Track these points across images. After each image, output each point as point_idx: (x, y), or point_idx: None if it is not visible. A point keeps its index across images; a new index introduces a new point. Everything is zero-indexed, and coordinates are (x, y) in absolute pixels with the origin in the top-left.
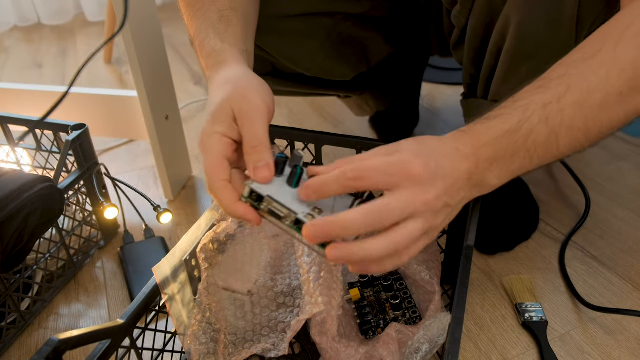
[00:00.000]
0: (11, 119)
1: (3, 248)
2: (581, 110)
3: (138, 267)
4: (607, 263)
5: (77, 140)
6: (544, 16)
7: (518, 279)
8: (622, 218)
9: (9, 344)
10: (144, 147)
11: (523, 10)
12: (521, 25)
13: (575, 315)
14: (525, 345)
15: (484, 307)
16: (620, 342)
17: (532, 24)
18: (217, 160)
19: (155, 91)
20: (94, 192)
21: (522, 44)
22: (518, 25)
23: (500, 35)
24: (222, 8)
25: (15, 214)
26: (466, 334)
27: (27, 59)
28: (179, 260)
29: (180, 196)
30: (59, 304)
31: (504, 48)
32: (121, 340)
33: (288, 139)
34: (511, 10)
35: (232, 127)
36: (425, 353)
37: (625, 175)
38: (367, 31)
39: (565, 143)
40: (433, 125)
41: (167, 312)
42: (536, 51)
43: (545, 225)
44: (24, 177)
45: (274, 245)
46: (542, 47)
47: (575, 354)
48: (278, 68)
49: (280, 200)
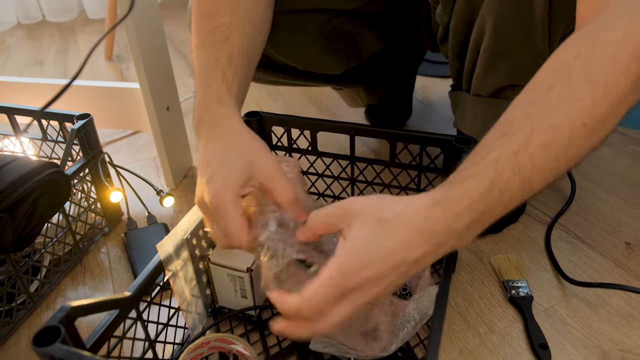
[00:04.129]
0: (17, 110)
1: (14, 228)
2: (549, 151)
3: (142, 251)
4: (590, 243)
5: (82, 129)
6: (517, 19)
7: (505, 258)
8: (606, 201)
9: (18, 323)
10: (145, 140)
11: (497, 12)
12: (496, 26)
13: (559, 291)
14: (511, 318)
15: (473, 284)
16: (601, 314)
17: (507, 25)
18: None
19: (157, 82)
20: (99, 180)
21: (498, 44)
22: (493, 26)
23: (479, 34)
24: (232, 51)
25: (26, 197)
26: (455, 309)
27: (29, 57)
28: (180, 238)
29: (181, 185)
30: (65, 286)
31: (481, 46)
32: (128, 311)
33: (285, 126)
34: (487, 12)
35: (245, 188)
36: (415, 323)
37: (610, 161)
38: (359, 27)
39: (537, 184)
40: (426, 117)
41: (170, 288)
42: (512, 50)
43: (533, 209)
44: (33, 162)
45: None
46: (517, 46)
47: (559, 326)
48: (272, 60)
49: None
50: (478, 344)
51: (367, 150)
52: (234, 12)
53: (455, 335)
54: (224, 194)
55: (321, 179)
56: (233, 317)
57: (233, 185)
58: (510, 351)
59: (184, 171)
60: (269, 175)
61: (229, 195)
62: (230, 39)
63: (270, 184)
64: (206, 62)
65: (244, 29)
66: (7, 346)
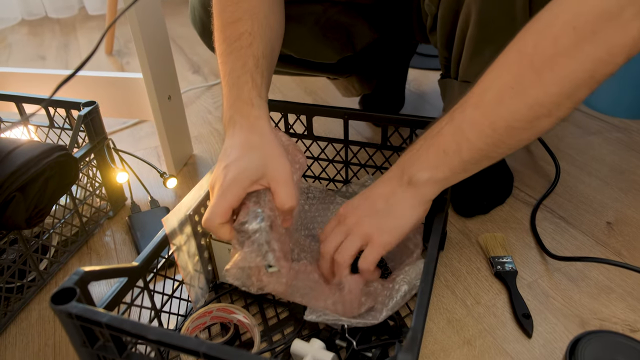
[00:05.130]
0: (25, 98)
1: (27, 206)
2: (478, 108)
3: (145, 232)
4: (573, 222)
5: (88, 115)
6: (499, 7)
7: (492, 236)
8: (589, 184)
9: (29, 299)
10: (146, 130)
11: (481, 1)
12: (480, 14)
13: (543, 266)
14: (496, 291)
15: (461, 261)
16: (581, 287)
17: (490, 14)
18: (227, 209)
19: (159, 72)
20: (104, 165)
21: (483, 31)
22: (478, 14)
23: (464, 22)
24: (258, 56)
25: (37, 177)
26: (444, 283)
27: (31, 52)
28: (184, 214)
29: (182, 172)
30: (73, 266)
31: (467, 35)
32: (136, 280)
33: (282, 111)
34: (472, 1)
35: (252, 187)
36: (404, 293)
37: (594, 147)
38: (353, 18)
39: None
40: (419, 107)
41: (175, 263)
42: (496, 37)
43: (519, 192)
44: (42, 145)
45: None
46: (500, 33)
47: (541, 298)
48: None
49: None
50: (465, 314)
51: (360, 137)
52: (255, 19)
53: (444, 307)
54: (232, 185)
55: (317, 162)
56: (233, 291)
57: (244, 179)
58: (495, 320)
59: (185, 159)
60: (279, 180)
61: (236, 186)
62: (254, 44)
63: (277, 188)
64: (234, 67)
65: (265, 34)
66: (19, 320)
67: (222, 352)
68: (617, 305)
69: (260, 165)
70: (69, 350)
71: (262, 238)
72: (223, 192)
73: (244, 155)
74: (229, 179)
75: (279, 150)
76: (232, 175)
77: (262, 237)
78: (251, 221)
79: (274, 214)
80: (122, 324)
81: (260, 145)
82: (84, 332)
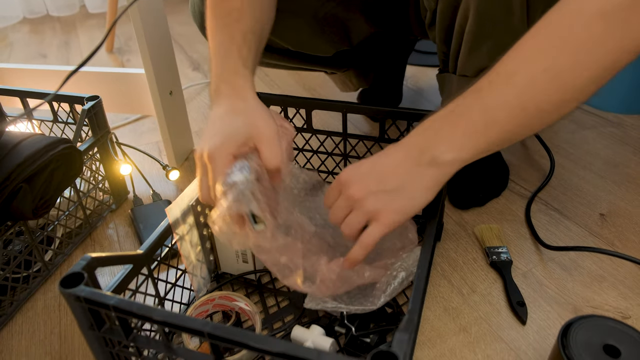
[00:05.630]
0: (30, 93)
1: (33, 197)
2: (509, 89)
3: (148, 225)
4: (567, 214)
5: (92, 109)
6: (498, 2)
7: (488, 227)
8: (583, 177)
9: (34, 289)
10: (147, 126)
11: None
12: (479, 9)
13: (537, 256)
14: (492, 280)
15: (457, 251)
16: (575, 276)
17: (488, 9)
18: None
19: (160, 67)
20: (107, 159)
21: (481, 26)
22: (476, 9)
23: (463, 17)
24: (245, 30)
25: (43, 169)
26: (441, 273)
27: (32, 50)
28: (187, 204)
29: (183, 166)
30: (77, 257)
31: (465, 30)
32: (141, 267)
33: (282, 105)
34: None
35: (240, 149)
36: (401, 279)
37: (589, 142)
38: (350, 12)
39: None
40: (416, 103)
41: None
42: (493, 32)
43: (515, 185)
44: (48, 138)
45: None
46: (498, 29)
47: (535, 286)
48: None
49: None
50: (461, 302)
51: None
52: None
53: (440, 296)
54: (219, 150)
55: (316, 155)
56: (234, 280)
57: (230, 143)
58: (490, 308)
59: (186, 153)
60: (265, 139)
61: (223, 151)
62: (243, 20)
63: (262, 146)
64: (222, 40)
65: (254, 11)
66: (25, 309)
67: (226, 332)
68: (609, 293)
69: (245, 128)
70: (75, 337)
71: (247, 188)
72: (211, 159)
73: (229, 122)
74: (215, 146)
75: (263, 112)
76: (218, 142)
77: (247, 187)
78: (236, 172)
79: (261, 170)
80: (129, 306)
81: (245, 110)
82: (92, 315)
